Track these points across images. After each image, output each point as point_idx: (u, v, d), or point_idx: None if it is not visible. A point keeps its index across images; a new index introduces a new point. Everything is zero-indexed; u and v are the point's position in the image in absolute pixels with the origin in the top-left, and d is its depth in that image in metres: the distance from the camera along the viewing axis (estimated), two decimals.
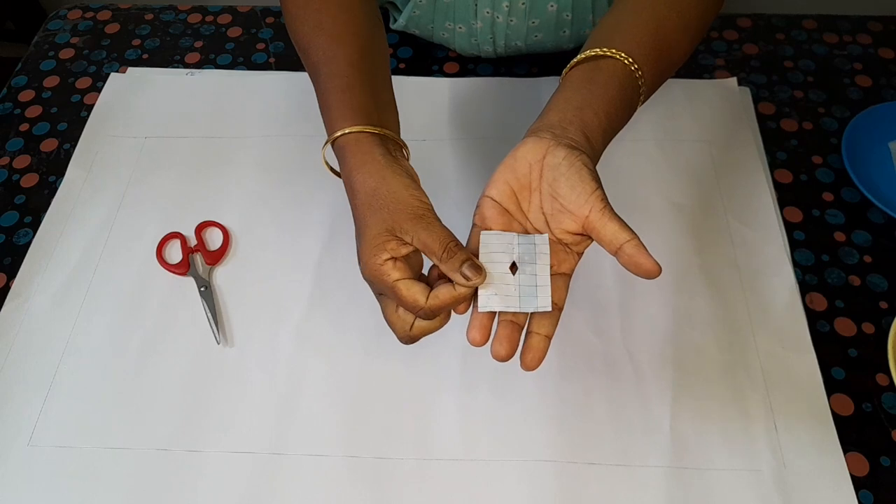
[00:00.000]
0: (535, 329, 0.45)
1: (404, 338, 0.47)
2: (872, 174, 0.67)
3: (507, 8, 0.70)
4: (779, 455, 0.53)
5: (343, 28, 0.55)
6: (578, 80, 0.50)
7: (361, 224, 0.47)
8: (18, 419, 0.55)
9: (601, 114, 0.48)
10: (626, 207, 0.65)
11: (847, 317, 0.60)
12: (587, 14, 0.71)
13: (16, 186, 0.70)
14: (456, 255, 0.44)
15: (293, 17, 0.58)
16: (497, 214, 0.47)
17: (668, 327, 0.59)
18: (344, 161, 0.49)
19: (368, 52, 0.55)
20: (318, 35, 0.55)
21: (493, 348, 0.44)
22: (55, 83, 0.79)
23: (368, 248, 0.45)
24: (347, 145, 0.49)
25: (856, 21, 0.82)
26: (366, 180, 0.47)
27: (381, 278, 0.45)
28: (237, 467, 0.53)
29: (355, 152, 0.49)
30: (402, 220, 0.45)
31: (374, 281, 0.46)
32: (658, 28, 0.53)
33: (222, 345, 0.59)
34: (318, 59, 0.54)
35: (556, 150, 0.45)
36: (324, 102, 0.53)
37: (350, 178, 0.48)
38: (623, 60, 0.50)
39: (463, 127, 0.72)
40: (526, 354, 0.44)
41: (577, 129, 0.47)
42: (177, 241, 0.65)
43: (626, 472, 0.52)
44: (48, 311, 0.61)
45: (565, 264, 0.47)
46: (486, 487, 0.52)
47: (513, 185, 0.47)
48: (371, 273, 0.45)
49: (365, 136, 0.49)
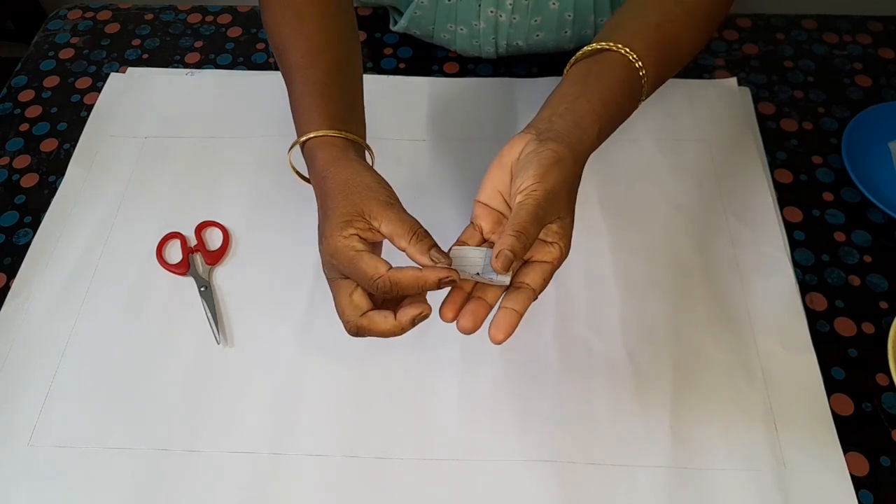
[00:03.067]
0: (504, 304, 0.44)
1: (353, 327, 0.45)
2: (872, 174, 0.67)
3: (511, 5, 0.70)
4: (779, 455, 0.53)
5: (323, 36, 0.56)
6: (577, 74, 0.51)
7: (331, 206, 0.47)
8: (18, 419, 0.55)
9: (595, 101, 0.49)
10: (626, 207, 0.66)
11: (847, 317, 0.60)
12: (588, 15, 0.71)
13: (16, 186, 0.70)
14: (423, 239, 0.44)
15: (273, 17, 0.58)
16: (486, 214, 0.48)
17: (668, 327, 0.59)
18: (316, 158, 0.50)
19: (346, 63, 0.56)
20: (298, 40, 0.56)
21: (458, 321, 0.44)
22: (55, 83, 0.79)
23: (335, 223, 0.45)
24: (322, 146, 0.50)
25: (856, 21, 0.82)
26: (340, 171, 0.48)
27: (343, 251, 0.44)
28: (237, 467, 0.53)
29: (330, 151, 0.50)
30: (372, 206, 0.46)
31: (335, 255, 0.45)
32: (662, 22, 0.53)
33: (222, 345, 0.59)
34: (295, 62, 0.55)
35: (530, 145, 0.46)
36: (298, 105, 0.53)
37: (323, 170, 0.49)
38: (621, 51, 0.50)
39: (463, 127, 0.72)
40: (493, 326, 0.43)
41: (566, 120, 0.47)
42: (177, 241, 0.65)
43: (626, 472, 0.52)
44: (48, 311, 0.61)
45: (545, 254, 0.46)
46: (486, 487, 0.52)
47: (499, 186, 0.47)
48: (334, 246, 0.45)
49: (339, 140, 0.51)
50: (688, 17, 0.55)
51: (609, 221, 0.65)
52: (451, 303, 0.45)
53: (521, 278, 0.45)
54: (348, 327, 0.46)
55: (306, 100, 0.53)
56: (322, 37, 0.56)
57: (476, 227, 0.48)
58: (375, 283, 0.43)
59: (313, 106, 0.52)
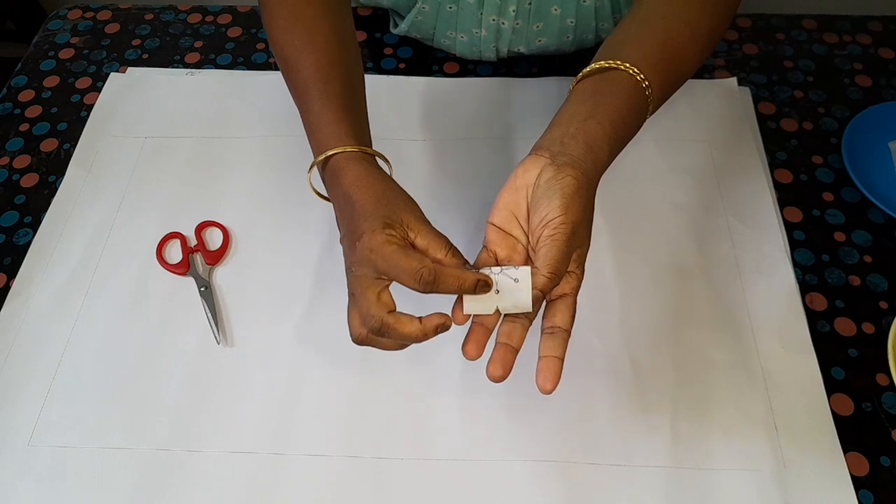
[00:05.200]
0: (544, 353, 0.45)
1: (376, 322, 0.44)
2: (872, 174, 0.67)
3: (514, 12, 0.69)
4: (779, 455, 0.53)
5: (336, 50, 0.56)
6: (584, 92, 0.51)
7: (369, 210, 0.46)
8: (18, 419, 0.55)
9: (605, 123, 0.49)
10: (626, 207, 0.66)
11: (847, 317, 0.60)
12: (590, 20, 0.71)
13: (16, 186, 0.70)
14: (458, 254, 0.46)
15: (280, 31, 0.57)
16: (500, 239, 0.48)
17: (668, 327, 0.59)
18: (343, 172, 0.49)
19: (357, 77, 0.57)
20: (311, 53, 0.55)
21: (488, 370, 0.45)
22: (55, 83, 0.79)
23: (377, 223, 0.45)
24: (349, 161, 0.50)
25: (856, 21, 0.82)
26: (373, 185, 0.48)
27: (385, 246, 0.44)
28: (237, 467, 0.53)
29: (359, 165, 0.50)
30: (410, 219, 0.46)
31: (376, 249, 0.44)
32: (667, 40, 0.54)
33: (222, 345, 0.59)
34: (310, 76, 0.54)
35: (547, 170, 0.46)
36: (317, 120, 0.53)
37: (353, 184, 0.48)
38: (629, 71, 0.50)
39: (462, 127, 0.72)
40: (539, 376, 0.45)
41: (578, 143, 0.47)
42: (177, 241, 0.65)
43: (626, 472, 0.52)
44: (48, 311, 0.61)
45: (565, 286, 0.46)
46: (486, 487, 0.52)
47: (512, 208, 0.47)
48: (376, 241, 0.44)
49: (366, 156, 0.51)
50: (691, 34, 0.55)
51: (609, 221, 0.65)
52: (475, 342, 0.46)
53: (550, 322, 0.46)
54: (370, 323, 0.45)
55: (327, 114, 0.52)
56: (334, 51, 0.56)
57: (490, 253, 0.47)
58: (420, 272, 0.43)
59: (335, 121, 0.52)
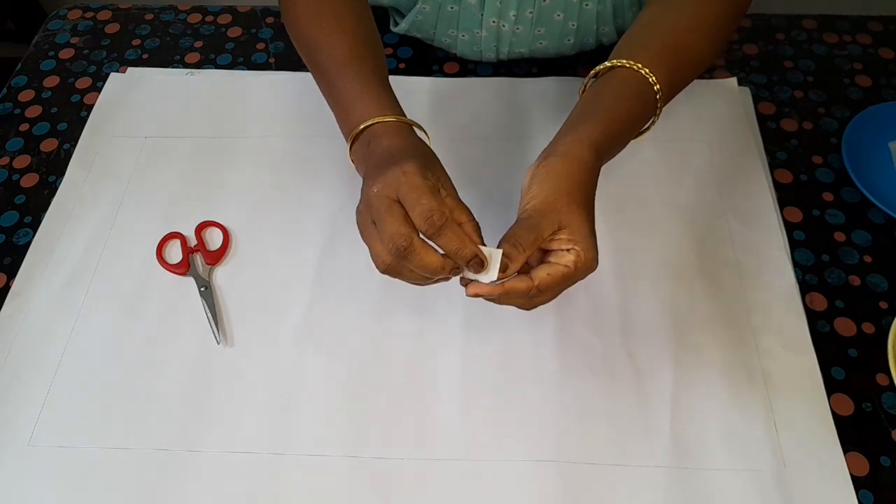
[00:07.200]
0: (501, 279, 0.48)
1: (406, 240, 0.46)
2: (872, 174, 0.67)
3: (514, 17, 0.70)
4: (779, 455, 0.53)
5: (365, 32, 0.59)
6: (588, 95, 0.55)
7: (412, 155, 0.49)
8: (18, 419, 0.55)
9: (603, 112, 0.52)
10: (626, 207, 0.66)
11: (847, 317, 0.60)
12: (591, 24, 0.71)
13: (16, 186, 0.70)
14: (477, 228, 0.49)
15: (306, 17, 0.60)
16: None
17: (668, 327, 0.59)
18: (381, 139, 0.52)
19: (383, 58, 0.60)
20: (343, 36, 0.58)
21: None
22: (55, 83, 0.79)
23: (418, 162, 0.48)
24: (388, 130, 0.52)
25: (856, 21, 0.82)
26: (418, 143, 0.52)
27: (418, 177, 0.47)
28: (237, 467, 0.53)
29: (398, 133, 0.52)
30: (445, 180, 0.50)
31: (407, 173, 0.47)
32: (670, 32, 0.57)
33: (222, 345, 0.59)
34: (342, 55, 0.57)
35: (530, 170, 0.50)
36: (354, 94, 0.55)
37: (398, 143, 0.51)
38: (628, 65, 0.53)
39: (463, 127, 0.72)
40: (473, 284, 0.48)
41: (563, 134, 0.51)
42: (177, 241, 0.65)
43: (626, 472, 0.52)
44: (48, 311, 0.61)
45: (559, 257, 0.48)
46: (486, 487, 0.52)
47: None
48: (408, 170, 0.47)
49: (403, 125, 0.54)
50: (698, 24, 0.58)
51: (609, 221, 0.65)
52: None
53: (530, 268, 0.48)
54: (398, 242, 0.46)
55: (366, 90, 0.54)
56: (363, 33, 0.59)
57: None
58: (434, 213, 0.46)
59: (376, 95, 0.54)
